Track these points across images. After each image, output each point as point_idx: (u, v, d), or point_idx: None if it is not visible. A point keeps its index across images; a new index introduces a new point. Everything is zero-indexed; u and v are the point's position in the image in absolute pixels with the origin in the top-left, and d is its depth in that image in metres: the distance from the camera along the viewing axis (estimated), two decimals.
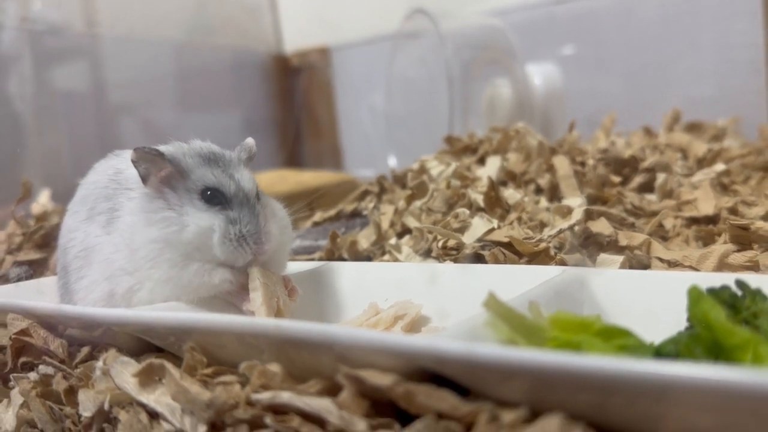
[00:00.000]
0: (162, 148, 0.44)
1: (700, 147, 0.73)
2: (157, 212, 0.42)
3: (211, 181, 0.42)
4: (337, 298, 0.50)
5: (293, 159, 1.48)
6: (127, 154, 0.45)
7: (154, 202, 0.43)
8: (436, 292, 0.45)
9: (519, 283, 0.40)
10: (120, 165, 0.46)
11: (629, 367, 0.23)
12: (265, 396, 0.30)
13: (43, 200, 0.85)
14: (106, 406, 0.35)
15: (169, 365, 0.34)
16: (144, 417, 0.34)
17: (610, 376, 0.23)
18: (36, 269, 0.60)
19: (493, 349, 0.25)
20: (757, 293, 0.31)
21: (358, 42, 1.41)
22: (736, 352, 0.27)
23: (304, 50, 1.49)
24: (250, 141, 0.47)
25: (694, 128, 0.92)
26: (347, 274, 0.51)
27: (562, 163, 0.64)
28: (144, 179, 0.43)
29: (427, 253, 0.56)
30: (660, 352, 0.28)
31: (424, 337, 0.29)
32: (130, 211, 0.43)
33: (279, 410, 0.30)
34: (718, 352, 0.28)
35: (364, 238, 0.64)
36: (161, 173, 0.43)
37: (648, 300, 0.39)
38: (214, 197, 0.42)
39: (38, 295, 0.50)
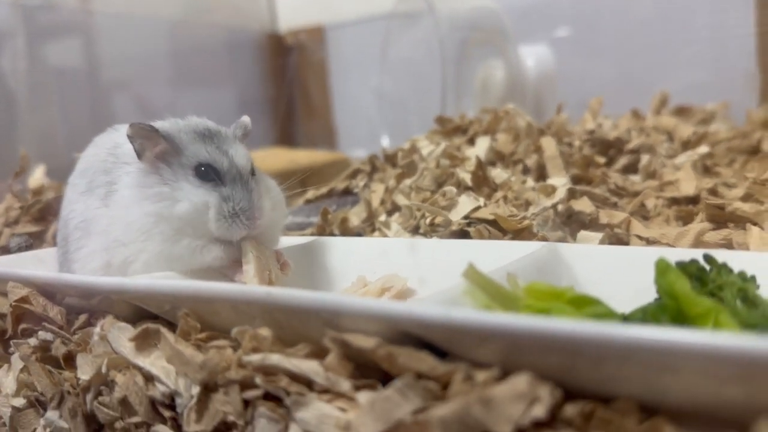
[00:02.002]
0: (157, 123, 0.45)
1: (685, 130, 0.75)
2: (152, 187, 0.44)
3: (204, 157, 0.43)
4: (327, 272, 0.51)
5: (287, 138, 1.48)
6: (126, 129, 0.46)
7: (149, 176, 0.44)
8: (421, 266, 0.46)
9: (500, 257, 0.41)
10: (119, 139, 0.48)
11: (595, 329, 0.25)
12: (255, 358, 0.32)
13: (38, 175, 0.86)
14: (104, 370, 0.37)
15: (164, 330, 0.35)
16: (140, 379, 0.36)
17: (577, 338, 0.25)
18: (33, 242, 0.62)
19: (469, 313, 0.26)
20: (723, 267, 0.33)
21: (352, 21, 1.41)
22: (698, 321, 0.29)
23: (298, 29, 1.49)
24: (245, 119, 0.49)
25: (682, 112, 0.93)
26: (337, 248, 0.52)
27: (549, 144, 0.65)
28: (139, 154, 0.44)
29: (415, 230, 0.58)
30: (628, 320, 0.30)
31: (405, 302, 0.30)
32: (127, 185, 0.44)
33: (269, 371, 0.32)
34: (683, 321, 0.30)
35: (355, 216, 0.65)
36: (156, 149, 0.44)
37: (624, 274, 0.40)
38: (207, 173, 0.43)
39: (38, 263, 0.51)
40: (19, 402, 0.42)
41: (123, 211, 0.44)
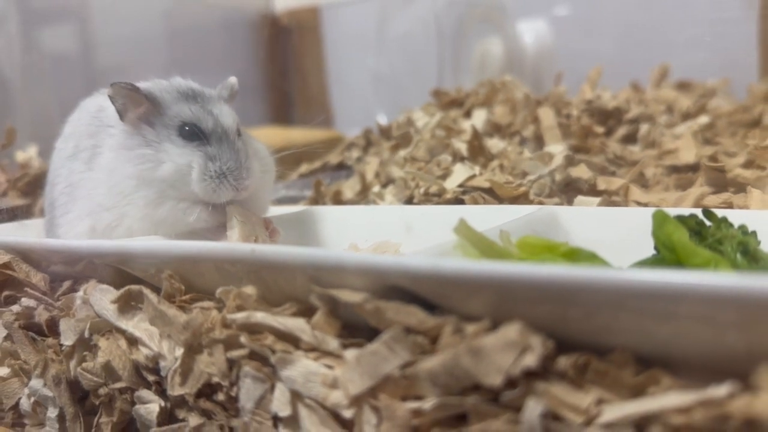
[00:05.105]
0: (140, 83, 0.44)
1: (685, 101, 0.73)
2: (134, 149, 0.42)
3: (188, 117, 0.42)
4: (318, 241, 0.50)
5: (283, 119, 1.47)
6: None
7: (132, 138, 0.43)
8: (413, 232, 0.45)
9: (494, 220, 0.40)
10: (104, 102, 0.46)
11: (589, 274, 0.23)
12: (240, 316, 0.31)
13: (30, 153, 0.85)
14: (87, 334, 0.36)
15: (147, 291, 0.34)
16: (123, 343, 0.35)
17: (570, 284, 0.24)
18: (21, 216, 0.61)
19: (458, 262, 0.25)
20: (722, 221, 0.32)
21: (348, 0, 1.39)
22: None
23: (295, 9, 1.47)
24: (232, 79, 0.47)
25: (683, 87, 0.92)
26: (328, 217, 0.51)
27: (546, 115, 0.64)
28: (121, 115, 0.43)
29: (409, 201, 0.56)
30: None
31: (393, 255, 0.29)
32: (110, 147, 0.43)
33: (254, 330, 0.31)
34: None
35: (349, 188, 0.64)
36: (139, 109, 0.43)
37: (622, 236, 0.39)
38: (191, 133, 0.42)
39: (21, 229, 0.50)
40: (3, 371, 0.41)
41: (105, 175, 0.43)
